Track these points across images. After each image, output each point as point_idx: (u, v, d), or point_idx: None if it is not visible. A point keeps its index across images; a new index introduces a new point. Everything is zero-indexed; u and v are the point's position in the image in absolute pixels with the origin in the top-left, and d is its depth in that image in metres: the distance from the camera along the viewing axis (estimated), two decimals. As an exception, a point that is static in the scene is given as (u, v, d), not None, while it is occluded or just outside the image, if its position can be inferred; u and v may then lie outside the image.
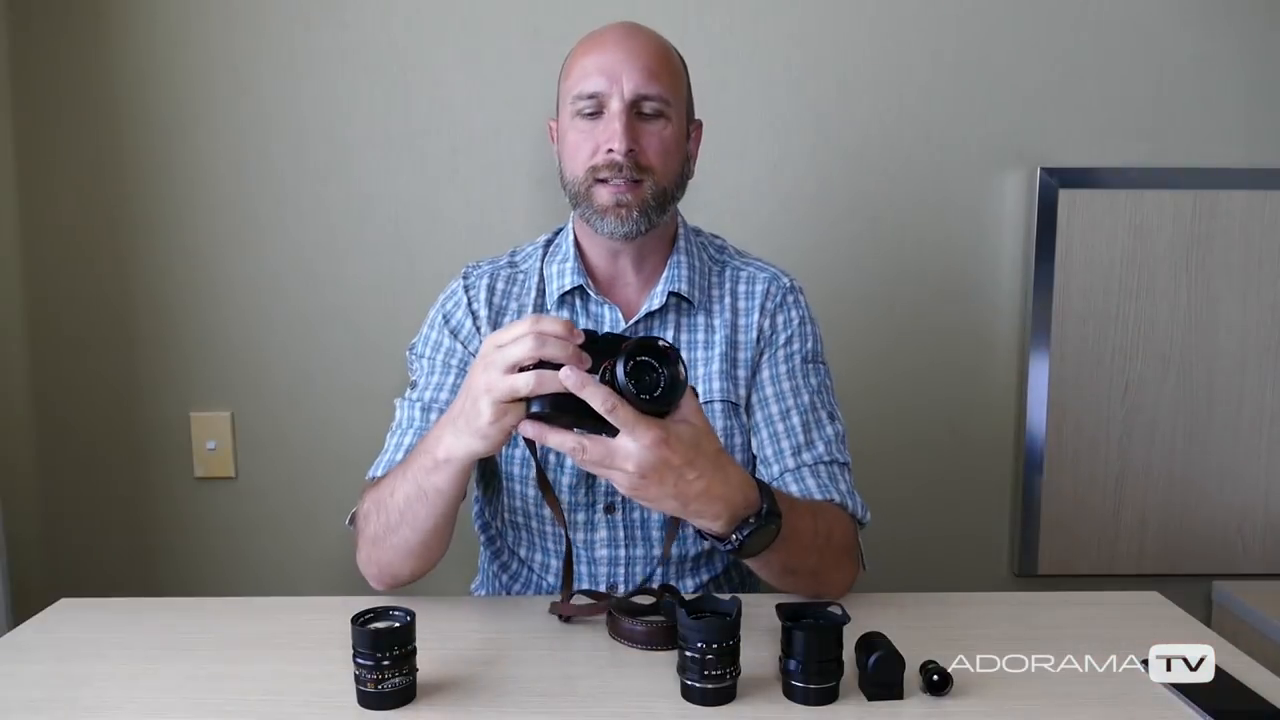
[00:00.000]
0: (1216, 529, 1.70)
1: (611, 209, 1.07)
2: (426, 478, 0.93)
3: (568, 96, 1.10)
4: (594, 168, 1.07)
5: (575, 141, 1.09)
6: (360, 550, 1.06)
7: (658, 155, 1.08)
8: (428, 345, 1.18)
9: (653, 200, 1.08)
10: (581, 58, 1.09)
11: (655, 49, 1.10)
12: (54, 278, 1.68)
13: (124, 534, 1.73)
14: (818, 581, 1.03)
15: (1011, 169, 1.65)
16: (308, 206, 1.66)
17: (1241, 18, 1.61)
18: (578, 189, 1.10)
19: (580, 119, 1.08)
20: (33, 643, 0.99)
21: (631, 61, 1.06)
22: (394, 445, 1.12)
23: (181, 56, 1.62)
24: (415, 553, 1.01)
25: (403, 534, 0.99)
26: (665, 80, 1.08)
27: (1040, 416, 1.67)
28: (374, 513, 1.01)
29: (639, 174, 1.07)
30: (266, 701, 0.86)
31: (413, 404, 1.14)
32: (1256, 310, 1.65)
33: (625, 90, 1.06)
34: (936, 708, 0.83)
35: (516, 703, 0.85)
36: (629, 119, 1.06)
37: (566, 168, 1.11)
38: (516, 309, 1.17)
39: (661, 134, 1.08)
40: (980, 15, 1.62)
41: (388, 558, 1.02)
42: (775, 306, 1.18)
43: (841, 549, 1.05)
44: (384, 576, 1.05)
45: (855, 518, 1.10)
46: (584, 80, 1.07)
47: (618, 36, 1.09)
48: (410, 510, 0.97)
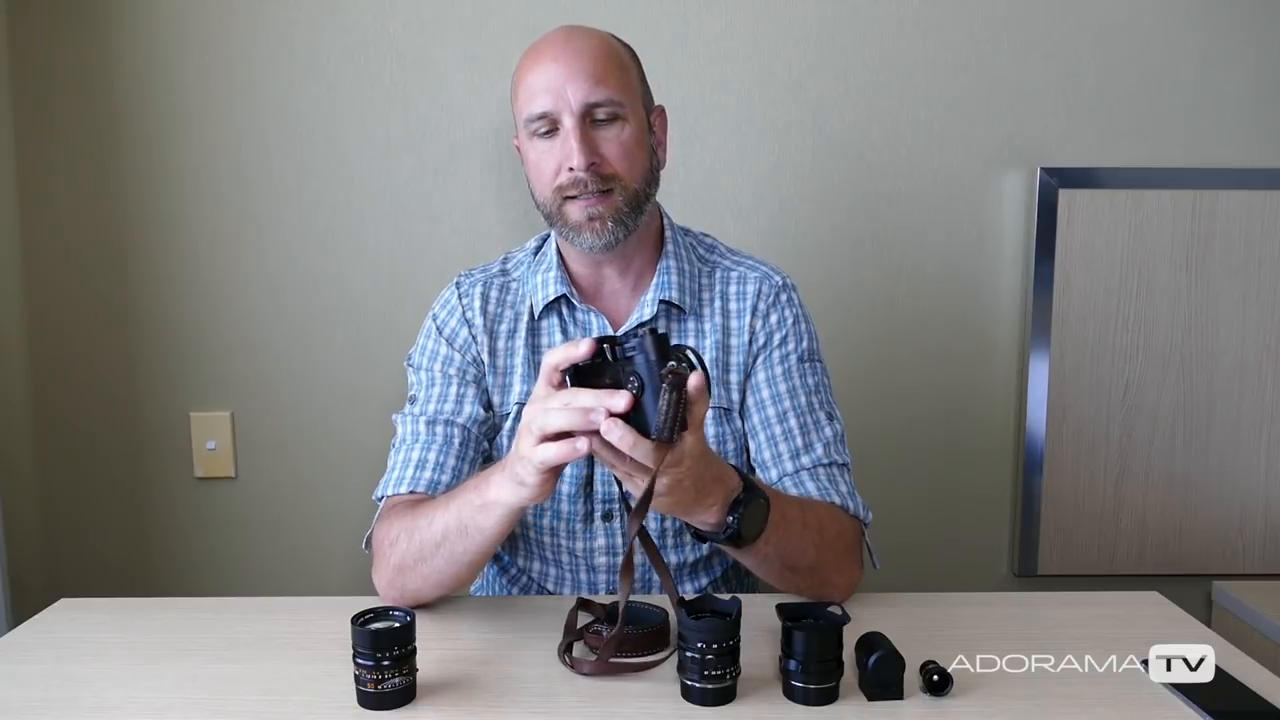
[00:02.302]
0: (1216, 529, 1.70)
1: (585, 224, 1.06)
2: (472, 516, 0.92)
3: (520, 119, 1.08)
4: (560, 187, 1.06)
5: (536, 162, 1.08)
6: (381, 574, 1.02)
7: (621, 160, 1.06)
8: (424, 356, 1.17)
9: (625, 206, 1.07)
10: (525, 77, 1.07)
11: (595, 51, 1.07)
12: (54, 277, 1.68)
13: (124, 534, 1.73)
14: (820, 581, 1.02)
15: (1011, 169, 1.65)
16: (308, 206, 1.66)
17: (1242, 18, 1.61)
18: (549, 210, 1.09)
19: (537, 139, 1.07)
20: (33, 643, 0.99)
21: (573, 72, 1.04)
22: (401, 462, 1.10)
23: (181, 56, 1.62)
24: (446, 584, 1.00)
25: (435, 564, 0.97)
26: (613, 81, 1.06)
27: (1040, 417, 1.67)
28: (403, 539, 0.99)
29: (606, 184, 1.05)
30: (266, 701, 0.86)
31: (416, 419, 1.12)
32: (1256, 310, 1.65)
33: (573, 104, 1.04)
34: (936, 708, 0.83)
35: (516, 703, 0.85)
36: (583, 131, 1.04)
37: (535, 189, 1.10)
38: (512, 317, 1.16)
39: (620, 138, 1.06)
40: (980, 15, 1.62)
41: (415, 585, 1.00)
42: (768, 307, 1.16)
43: (842, 548, 1.04)
44: (405, 600, 1.01)
45: (857, 518, 1.09)
46: (530, 101, 1.05)
47: (555, 49, 1.06)
48: (448, 543, 0.95)
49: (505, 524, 0.92)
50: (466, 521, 0.93)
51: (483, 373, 1.15)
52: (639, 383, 0.79)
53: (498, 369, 1.15)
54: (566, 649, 0.92)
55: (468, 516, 0.93)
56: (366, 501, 1.71)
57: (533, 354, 1.15)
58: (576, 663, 0.90)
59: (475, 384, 1.14)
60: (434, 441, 1.10)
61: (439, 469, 1.09)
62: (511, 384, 1.15)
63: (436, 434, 1.10)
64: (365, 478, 1.70)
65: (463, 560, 0.96)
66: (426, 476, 1.08)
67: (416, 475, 1.08)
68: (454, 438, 1.11)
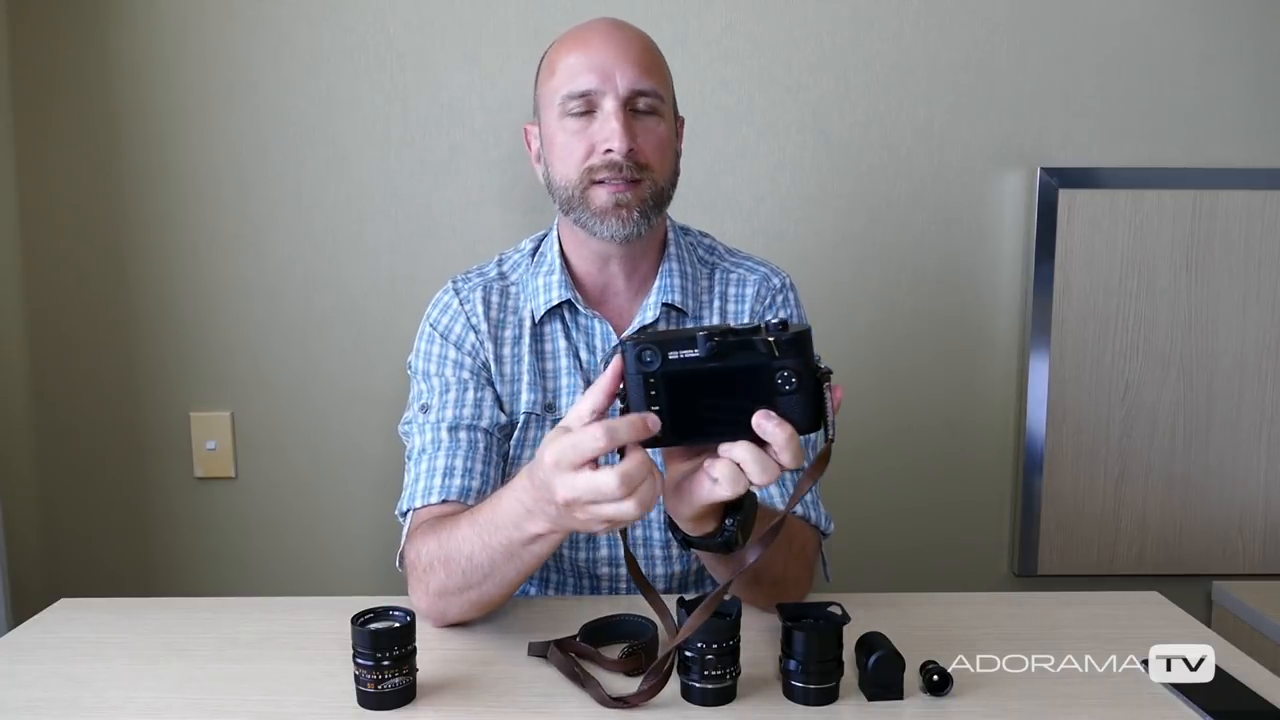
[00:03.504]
0: (1216, 529, 1.70)
1: (611, 210, 1.03)
2: (524, 549, 0.87)
3: (554, 96, 1.04)
4: (590, 168, 1.03)
5: (565, 143, 1.04)
6: (420, 597, 0.98)
7: (655, 153, 1.04)
8: (431, 362, 1.12)
9: (651, 200, 1.05)
10: (566, 56, 1.04)
11: (644, 44, 1.06)
12: (54, 278, 1.68)
13: (124, 534, 1.73)
14: (779, 593, 0.97)
15: (1011, 169, 1.65)
16: (307, 206, 1.66)
17: (1242, 18, 1.61)
18: (571, 193, 1.05)
19: (569, 119, 1.03)
20: (33, 643, 0.99)
21: (623, 57, 1.02)
22: (426, 471, 1.05)
23: (181, 56, 1.62)
24: (494, 602, 0.97)
25: (485, 589, 0.93)
26: (657, 76, 1.05)
27: (1040, 416, 1.67)
28: (440, 570, 0.94)
29: (638, 173, 1.03)
30: (266, 701, 0.86)
31: (435, 426, 1.07)
32: (1256, 310, 1.65)
33: (620, 87, 1.02)
34: (936, 708, 0.83)
35: (516, 703, 0.85)
36: (627, 116, 1.02)
37: (557, 171, 1.06)
38: (515, 323, 1.13)
39: (656, 131, 1.05)
40: (980, 15, 1.62)
41: (460, 609, 0.97)
42: (765, 308, 1.15)
43: (804, 561, 1.02)
44: (445, 621, 0.99)
45: (818, 529, 1.07)
46: (574, 79, 1.02)
47: (605, 32, 1.05)
48: (498, 572, 0.90)
49: (558, 545, 0.89)
50: (519, 552, 0.88)
51: (491, 378, 1.12)
52: (797, 381, 0.74)
53: (504, 376, 1.12)
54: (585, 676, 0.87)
55: (519, 549, 0.87)
56: (366, 501, 1.73)
57: (537, 360, 1.12)
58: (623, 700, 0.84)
59: (490, 387, 1.11)
60: (459, 447, 1.06)
61: (468, 475, 1.04)
62: (519, 392, 1.11)
63: (460, 439, 1.06)
64: (365, 478, 1.71)
65: (514, 580, 0.92)
66: (457, 484, 1.03)
67: (446, 484, 1.03)
68: (479, 442, 1.07)
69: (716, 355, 0.73)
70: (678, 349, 0.74)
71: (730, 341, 0.74)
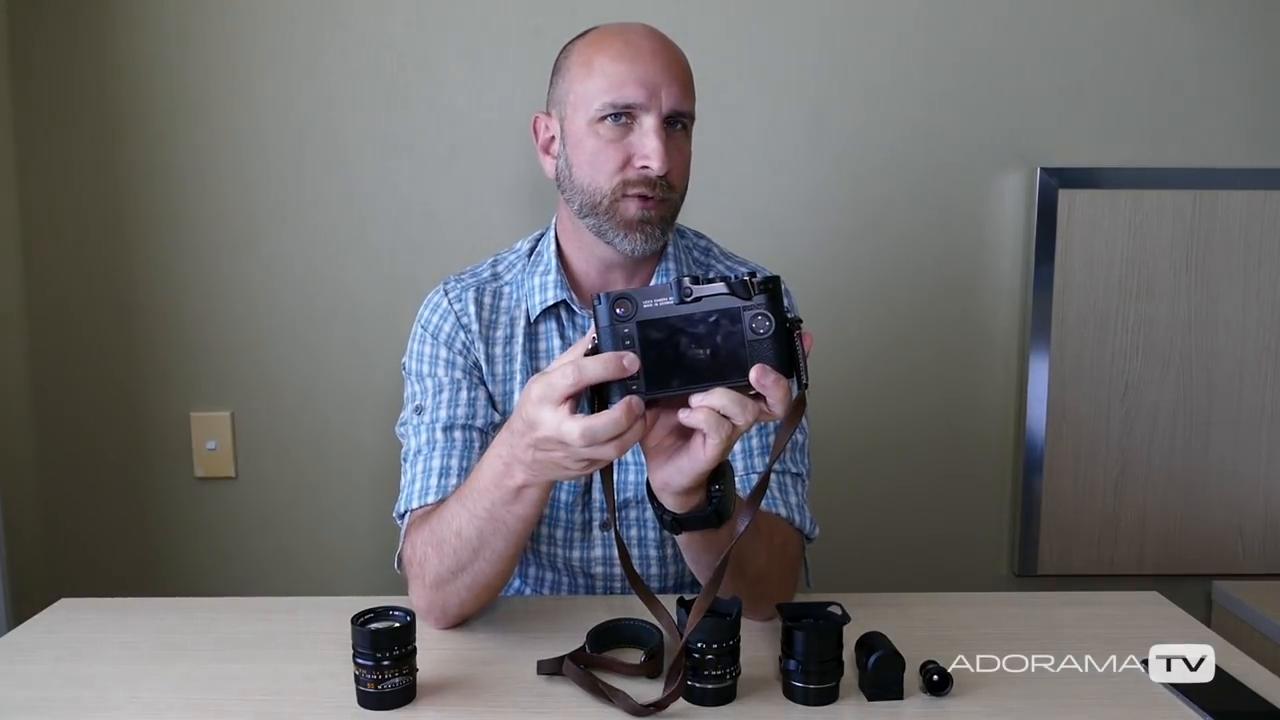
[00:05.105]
0: (1216, 529, 1.70)
1: (637, 225, 1.03)
2: (506, 509, 0.88)
3: (591, 100, 1.02)
4: (626, 181, 1.02)
5: (598, 150, 1.03)
6: (419, 595, 0.98)
7: (681, 172, 1.06)
8: (423, 363, 1.12)
9: (669, 216, 1.06)
10: (614, 61, 1.02)
11: (685, 62, 1.06)
12: (54, 277, 1.68)
13: (124, 534, 1.73)
14: (761, 592, 0.97)
15: (1011, 169, 1.65)
16: (307, 206, 1.66)
17: (1242, 18, 1.61)
18: (599, 200, 1.03)
19: (603, 126, 1.02)
20: (33, 643, 0.99)
21: (670, 76, 1.02)
22: (422, 472, 1.05)
23: (181, 56, 1.62)
24: (491, 585, 0.96)
25: (478, 568, 0.93)
26: (693, 96, 1.06)
27: (1040, 416, 1.67)
28: (432, 555, 0.95)
29: (668, 192, 1.04)
30: (266, 701, 0.86)
31: (430, 427, 1.08)
32: (1256, 310, 1.65)
33: (665, 105, 1.01)
34: (936, 708, 0.83)
35: (516, 703, 0.85)
36: (667, 135, 1.02)
37: (584, 176, 1.04)
38: (507, 323, 1.13)
39: (685, 151, 1.06)
40: (980, 15, 1.62)
41: (458, 597, 0.96)
42: None
43: (787, 562, 1.02)
44: (448, 618, 0.99)
45: (802, 532, 1.06)
46: (619, 88, 1.01)
47: (653, 47, 1.03)
48: (486, 545, 0.91)
49: (542, 502, 0.89)
50: (502, 515, 0.88)
51: (482, 378, 1.12)
52: (772, 328, 0.75)
53: (495, 376, 1.12)
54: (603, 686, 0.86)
55: (502, 511, 0.88)
56: (366, 501, 1.73)
57: (531, 360, 1.12)
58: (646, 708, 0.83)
59: (482, 386, 1.11)
60: (454, 447, 1.06)
61: (464, 474, 1.04)
62: (511, 391, 1.12)
63: (456, 439, 1.07)
64: (365, 478, 1.71)
65: (506, 554, 0.92)
66: (453, 484, 1.03)
67: (442, 484, 1.03)
68: (474, 442, 1.07)
69: (689, 300, 0.75)
70: (651, 298, 0.76)
71: (702, 286, 0.76)
